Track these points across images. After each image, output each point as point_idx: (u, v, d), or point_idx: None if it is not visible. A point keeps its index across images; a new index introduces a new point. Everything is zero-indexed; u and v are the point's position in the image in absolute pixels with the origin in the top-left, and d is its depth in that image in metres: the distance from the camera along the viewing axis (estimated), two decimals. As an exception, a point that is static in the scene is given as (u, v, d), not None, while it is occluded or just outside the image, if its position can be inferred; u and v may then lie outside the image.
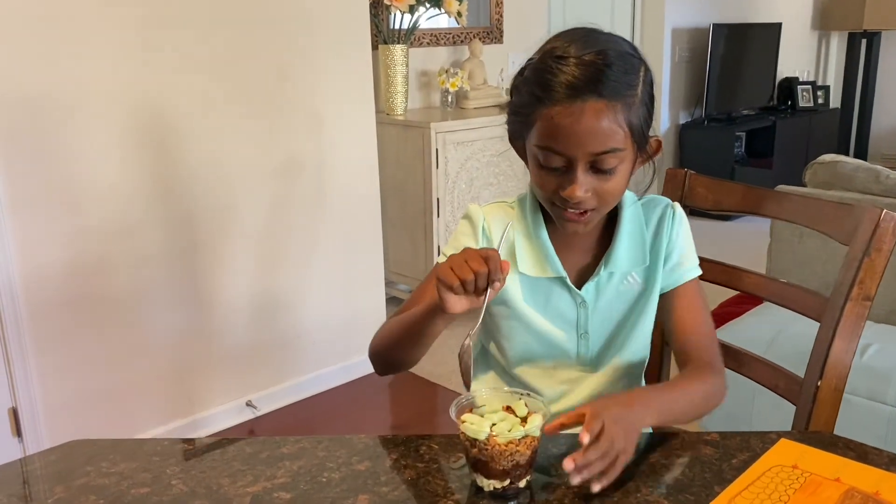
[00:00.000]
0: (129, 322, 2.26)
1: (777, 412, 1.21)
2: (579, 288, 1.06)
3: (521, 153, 1.05)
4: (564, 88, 0.92)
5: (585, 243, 1.08)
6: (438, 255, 3.20)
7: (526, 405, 0.88)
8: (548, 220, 1.07)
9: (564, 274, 1.05)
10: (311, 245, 2.66)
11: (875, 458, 0.85)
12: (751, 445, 0.88)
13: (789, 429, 1.04)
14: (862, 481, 0.80)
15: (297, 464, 0.89)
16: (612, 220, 1.07)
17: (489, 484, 0.83)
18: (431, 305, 0.94)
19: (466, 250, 0.90)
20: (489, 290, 0.88)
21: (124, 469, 0.91)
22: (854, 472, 0.82)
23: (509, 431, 0.83)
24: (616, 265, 1.06)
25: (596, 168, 0.95)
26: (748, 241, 3.37)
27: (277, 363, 2.64)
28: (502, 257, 1.00)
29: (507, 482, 0.83)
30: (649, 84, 0.98)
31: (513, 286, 1.07)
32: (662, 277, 1.07)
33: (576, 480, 0.81)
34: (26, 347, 2.07)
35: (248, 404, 2.55)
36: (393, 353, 1.07)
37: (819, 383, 1.01)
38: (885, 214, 0.98)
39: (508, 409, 0.88)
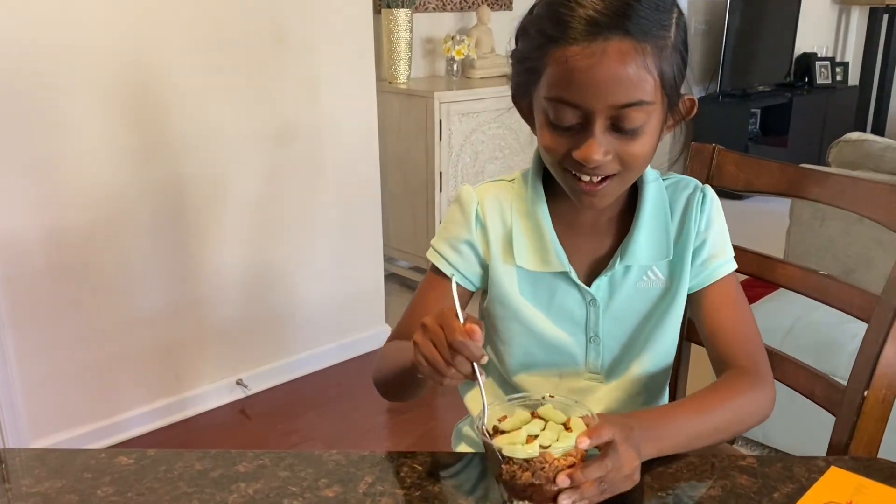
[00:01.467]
0: (112, 294, 2.14)
1: (800, 409, 1.06)
2: (589, 283, 0.91)
3: (527, 114, 0.88)
4: (583, 24, 0.75)
5: (597, 228, 0.92)
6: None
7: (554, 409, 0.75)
8: (551, 201, 0.91)
9: (570, 268, 0.90)
10: (307, 217, 2.53)
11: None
12: (795, 475, 0.75)
13: (818, 429, 0.92)
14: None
15: (253, 486, 0.75)
16: (629, 203, 0.92)
17: None
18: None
19: (428, 328, 0.73)
20: (478, 369, 0.72)
21: (48, 488, 0.76)
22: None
23: (557, 442, 0.70)
24: (634, 257, 0.90)
25: (618, 126, 0.79)
26: (763, 222, 3.23)
27: (269, 340, 2.53)
28: (499, 247, 0.88)
29: None
30: (683, 29, 0.82)
31: (510, 281, 0.92)
32: (692, 274, 0.92)
33: (565, 502, 0.68)
34: (1, 321, 1.96)
35: (239, 383, 2.45)
36: (392, 389, 0.94)
37: (865, 394, 0.88)
38: (950, 201, 0.85)
39: (534, 416, 0.75)
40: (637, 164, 0.83)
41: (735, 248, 0.97)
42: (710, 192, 0.94)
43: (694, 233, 0.92)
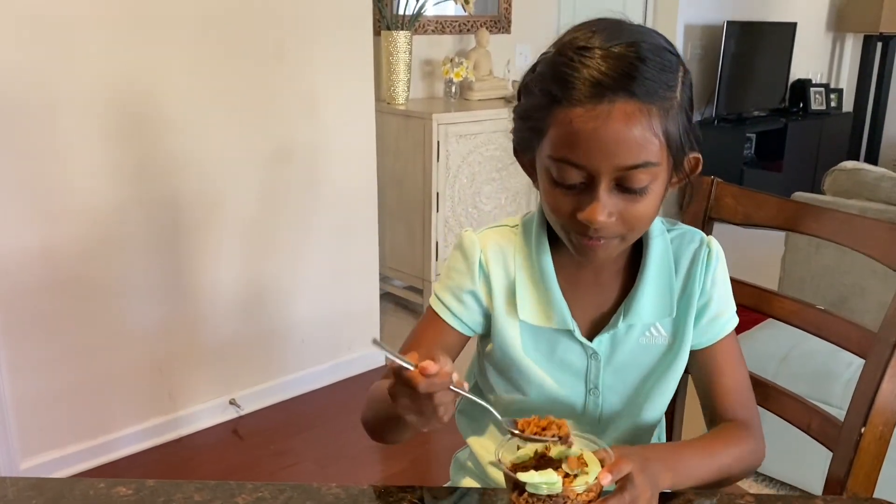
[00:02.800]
0: (106, 312, 2.13)
1: (790, 437, 1.06)
2: (591, 337, 0.90)
3: (530, 169, 0.87)
4: (588, 85, 0.74)
5: (601, 281, 0.91)
6: (436, 257, 3.08)
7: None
8: (555, 252, 0.90)
9: (573, 326, 0.89)
10: (303, 236, 2.53)
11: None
12: (794, 513, 0.76)
13: (806, 457, 0.91)
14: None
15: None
16: (634, 255, 0.91)
17: None
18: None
19: (395, 396, 0.72)
20: (456, 388, 0.71)
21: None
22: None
23: (577, 477, 0.71)
24: (637, 316, 0.89)
25: (623, 186, 0.78)
26: (759, 248, 3.25)
27: (263, 360, 2.52)
28: (502, 298, 0.89)
29: None
30: (689, 87, 0.81)
31: (512, 334, 0.91)
32: (696, 333, 0.92)
33: None
34: (-5, 338, 1.95)
35: (232, 402, 2.44)
36: (380, 432, 0.92)
37: (863, 430, 0.89)
38: (947, 240, 0.86)
39: (545, 451, 0.75)
40: (640, 225, 0.83)
41: (732, 280, 0.97)
42: (716, 247, 0.93)
43: (698, 291, 0.91)
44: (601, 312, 0.91)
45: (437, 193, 3.01)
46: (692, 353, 0.93)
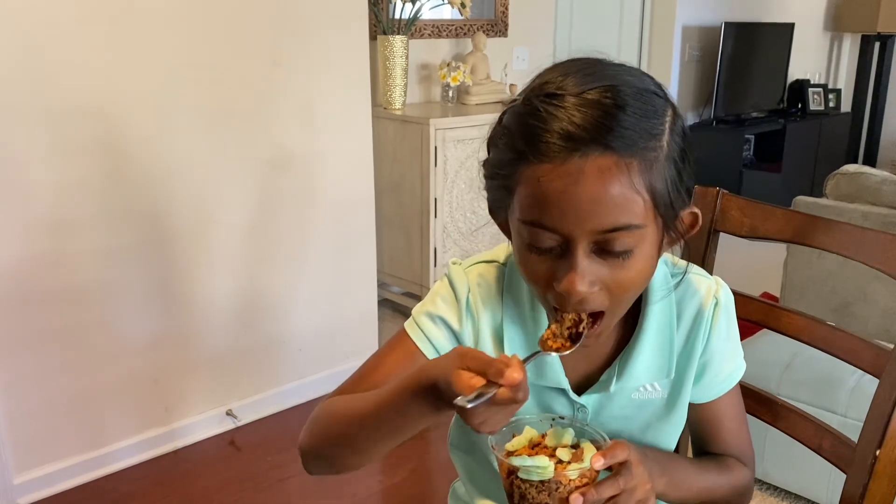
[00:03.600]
0: (101, 323, 2.10)
1: (796, 450, 1.03)
2: (580, 392, 0.83)
3: (506, 229, 0.77)
4: (557, 138, 0.65)
5: (597, 343, 0.80)
6: (434, 263, 3.06)
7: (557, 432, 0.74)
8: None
9: (566, 385, 0.82)
10: (300, 243, 2.50)
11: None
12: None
13: (812, 468, 0.90)
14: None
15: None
16: (633, 306, 0.80)
17: None
18: (423, 392, 0.67)
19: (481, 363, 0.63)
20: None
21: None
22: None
23: (570, 463, 0.69)
24: (631, 378, 0.81)
25: (604, 250, 0.68)
26: (761, 253, 3.22)
27: (260, 370, 2.49)
28: (489, 342, 0.83)
29: None
30: (680, 134, 0.70)
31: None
32: (696, 389, 0.85)
33: None
34: (-13, 352, 1.92)
35: (229, 413, 2.41)
36: (339, 451, 0.79)
37: (878, 453, 0.86)
38: (963, 256, 0.83)
39: (541, 439, 0.74)
40: (627, 295, 0.73)
41: (737, 295, 0.93)
42: (724, 298, 0.84)
43: (701, 348, 0.83)
44: (593, 367, 0.84)
45: (435, 199, 2.99)
46: (690, 405, 0.87)
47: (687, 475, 0.83)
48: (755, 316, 1.02)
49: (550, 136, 0.65)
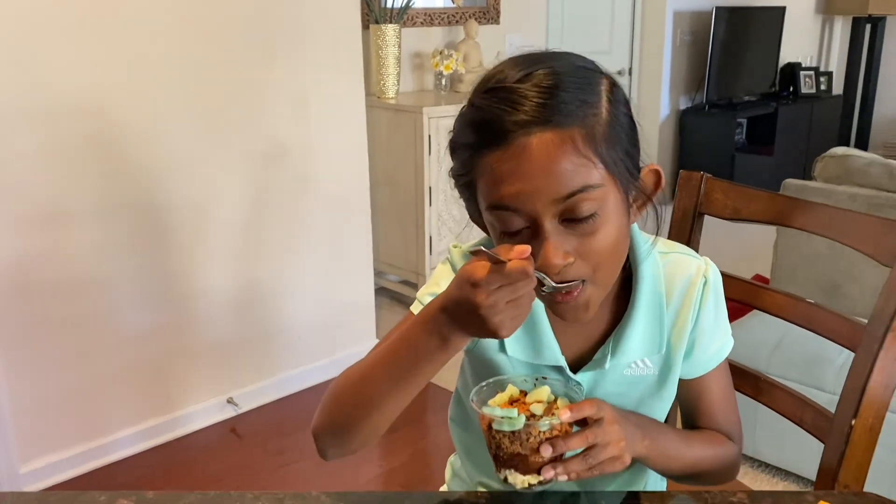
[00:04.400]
0: (101, 315, 2.13)
1: (785, 425, 1.07)
2: (576, 369, 0.87)
3: (487, 230, 0.81)
4: (501, 124, 0.70)
5: (591, 321, 0.83)
6: (430, 251, 3.09)
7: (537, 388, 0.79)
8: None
9: (563, 363, 0.85)
10: (297, 234, 2.53)
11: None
12: (785, 508, 0.77)
13: (799, 446, 0.94)
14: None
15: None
16: (624, 282, 0.85)
17: (524, 481, 0.73)
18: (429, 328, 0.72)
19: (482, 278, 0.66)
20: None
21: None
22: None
23: (543, 417, 0.73)
24: (624, 354, 0.85)
25: (570, 220, 0.71)
26: (751, 234, 3.26)
27: (260, 358, 2.52)
28: None
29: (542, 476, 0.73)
30: (621, 102, 0.75)
31: (495, 365, 0.88)
32: (686, 365, 0.88)
33: (548, 475, 0.72)
34: (-10, 344, 1.95)
35: (230, 401, 2.44)
36: (353, 412, 0.81)
37: (853, 422, 0.90)
38: (934, 234, 0.86)
39: (521, 396, 0.79)
40: (606, 261, 0.75)
41: (724, 275, 0.96)
42: (713, 276, 0.88)
43: (690, 325, 0.86)
44: (588, 344, 0.87)
45: (430, 188, 3.01)
46: (680, 381, 0.90)
47: (672, 444, 0.86)
48: (740, 296, 1.06)
49: (496, 124, 0.71)
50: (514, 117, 0.70)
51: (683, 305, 0.86)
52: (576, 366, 0.87)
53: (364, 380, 0.80)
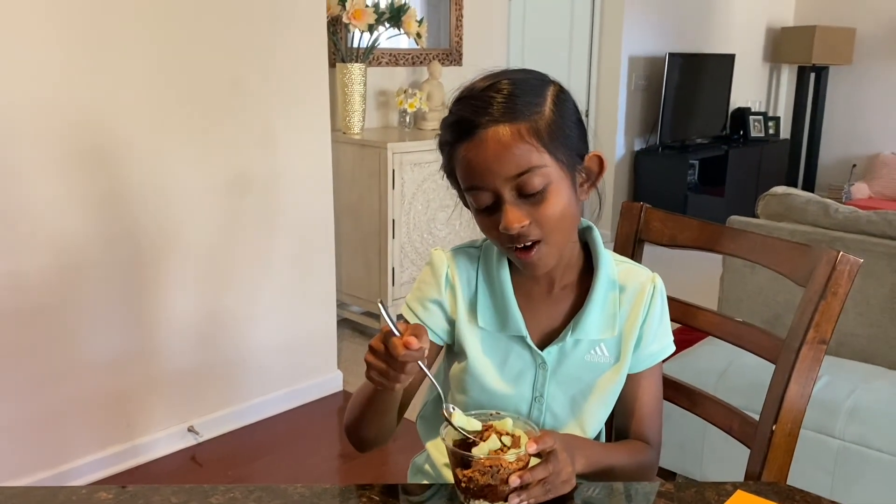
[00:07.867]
0: (64, 341, 2.15)
1: (729, 447, 1.18)
2: (542, 348, 1.01)
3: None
4: (466, 123, 0.91)
5: (553, 299, 1.03)
6: (392, 283, 3.16)
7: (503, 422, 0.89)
8: (514, 271, 1.02)
9: (525, 333, 1.01)
10: (261, 264, 2.58)
11: (830, 509, 0.83)
12: (706, 497, 0.86)
13: (742, 465, 1.03)
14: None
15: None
16: (584, 279, 1.03)
17: None
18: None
19: (374, 349, 0.85)
20: (422, 365, 0.85)
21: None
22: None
23: (510, 449, 0.84)
24: (584, 332, 1.00)
25: (524, 194, 0.91)
26: (700, 268, 3.40)
27: (222, 387, 2.55)
28: (464, 308, 1.01)
29: None
30: (566, 102, 0.95)
31: (472, 340, 1.02)
32: (631, 360, 1.03)
33: (514, 502, 0.83)
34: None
35: (191, 430, 2.46)
36: (362, 427, 1.02)
37: (774, 427, 0.99)
38: (842, 257, 0.96)
39: (487, 429, 0.88)
40: (555, 225, 0.93)
41: (668, 297, 1.07)
42: (660, 285, 1.05)
43: (641, 320, 1.02)
44: (552, 327, 1.03)
45: (393, 220, 3.09)
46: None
47: (601, 457, 0.99)
48: (676, 315, 1.15)
49: (466, 122, 0.91)
50: (479, 117, 0.90)
51: (635, 303, 1.03)
52: (541, 344, 1.01)
53: (356, 398, 1.01)
